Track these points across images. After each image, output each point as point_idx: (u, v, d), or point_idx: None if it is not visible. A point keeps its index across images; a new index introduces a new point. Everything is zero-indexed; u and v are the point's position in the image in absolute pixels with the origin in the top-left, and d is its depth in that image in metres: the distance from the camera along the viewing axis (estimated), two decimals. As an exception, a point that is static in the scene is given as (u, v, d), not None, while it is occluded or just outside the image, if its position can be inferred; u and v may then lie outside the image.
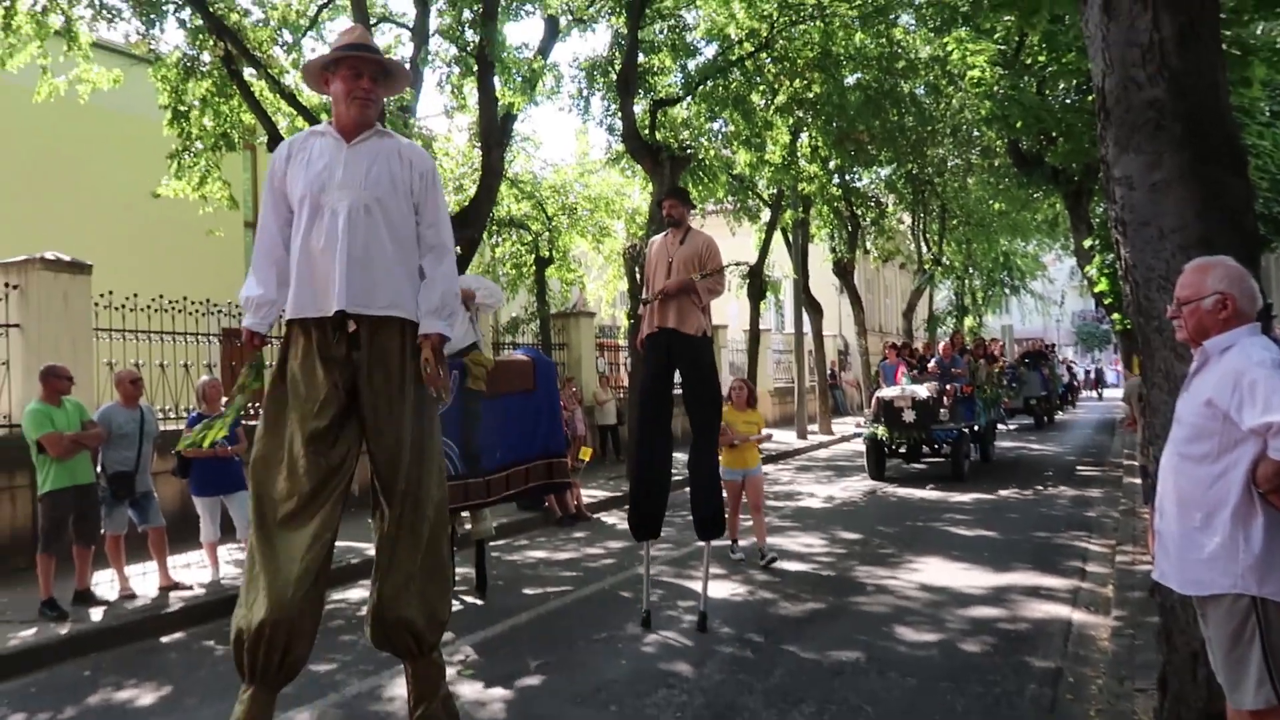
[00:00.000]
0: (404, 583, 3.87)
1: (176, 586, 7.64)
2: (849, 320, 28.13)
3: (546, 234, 18.28)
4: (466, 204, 12.74)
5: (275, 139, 10.91)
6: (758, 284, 20.60)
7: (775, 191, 20.17)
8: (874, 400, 14.45)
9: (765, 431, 8.77)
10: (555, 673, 5.59)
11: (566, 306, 19.82)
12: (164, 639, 6.74)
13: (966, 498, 12.20)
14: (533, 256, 18.46)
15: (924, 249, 28.83)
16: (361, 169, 3.84)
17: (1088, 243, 13.17)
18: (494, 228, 17.73)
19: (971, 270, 34.20)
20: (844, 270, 24.37)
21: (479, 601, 7.47)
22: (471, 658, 5.95)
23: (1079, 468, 15.51)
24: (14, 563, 8.56)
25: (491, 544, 10.00)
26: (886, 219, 25.89)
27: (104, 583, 7.58)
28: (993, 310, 39.17)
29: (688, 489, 7.00)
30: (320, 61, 4.03)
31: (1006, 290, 36.77)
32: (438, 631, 4.00)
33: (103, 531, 7.44)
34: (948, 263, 30.16)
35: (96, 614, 6.96)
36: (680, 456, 7.63)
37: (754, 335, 20.93)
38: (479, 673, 5.63)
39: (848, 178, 22.42)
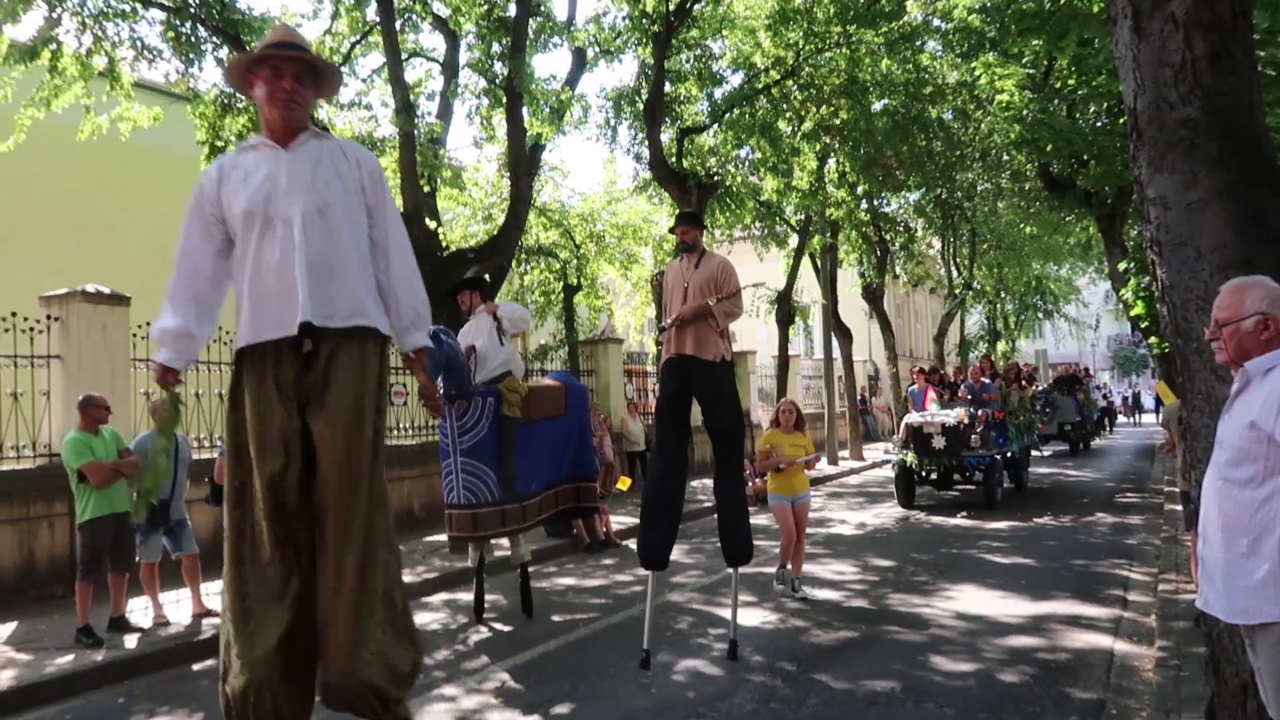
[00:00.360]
0: (355, 640, 3.33)
1: (209, 613, 7.67)
2: (879, 345, 27.96)
3: (575, 261, 18.38)
4: (495, 232, 12.84)
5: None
6: (786, 309, 20.56)
7: (803, 217, 20.17)
8: (903, 426, 14.20)
9: (813, 454, 8.47)
10: (585, 701, 5.54)
11: (595, 333, 19.86)
12: (196, 666, 6.76)
13: (1002, 524, 12.02)
14: (561, 284, 18.55)
15: (954, 273, 28.66)
16: (306, 173, 3.52)
17: (1122, 266, 13.02)
18: (523, 256, 17.86)
19: (1003, 294, 33.90)
20: (873, 295, 24.26)
21: (507, 628, 7.44)
22: (504, 685, 5.92)
23: (1118, 495, 15.25)
24: (52, 590, 8.66)
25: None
26: (916, 244, 25.79)
27: (138, 609, 7.64)
28: (1026, 335, 38.77)
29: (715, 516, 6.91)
30: (243, 63, 3.70)
31: (1040, 315, 36.37)
32: (404, 686, 3.47)
33: (137, 559, 7.51)
34: (979, 287, 29.93)
35: (131, 641, 7.01)
36: (706, 482, 7.84)
37: (783, 360, 20.85)
38: (509, 700, 5.59)
39: (876, 203, 22.39)
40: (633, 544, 11.68)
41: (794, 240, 21.08)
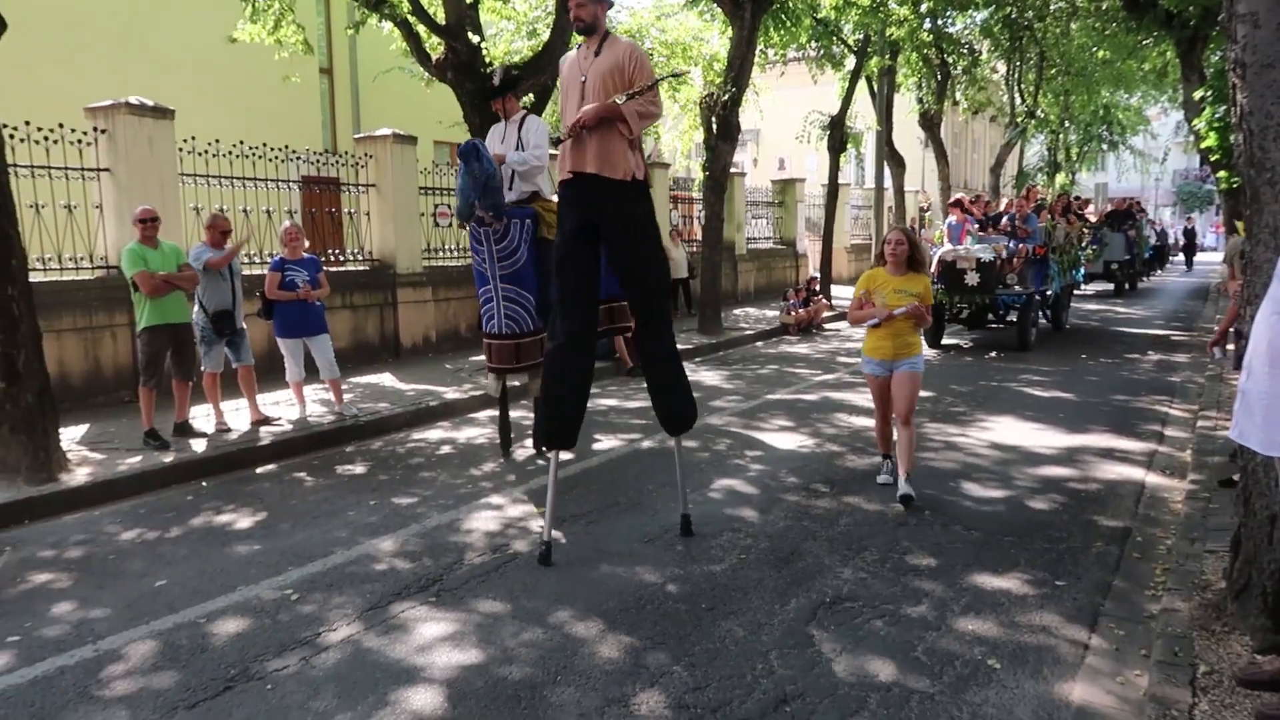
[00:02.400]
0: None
1: (267, 421, 8.04)
2: (933, 175, 27.15)
3: (621, 81, 17.78)
4: (540, 49, 12.41)
5: (347, -21, 10.67)
6: (838, 135, 19.89)
7: (861, 37, 19.18)
8: (934, 261, 13.18)
9: (914, 305, 5.92)
10: (625, 514, 5.79)
11: (641, 158, 19.47)
12: (258, 470, 7.15)
13: (1044, 360, 11.99)
14: (607, 105, 18.05)
15: (1018, 100, 27.34)
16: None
17: (1199, 94, 12.31)
18: (568, 75, 17.30)
19: (1067, 124, 32.43)
20: (930, 122, 23.34)
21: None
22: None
23: (1166, 334, 15.04)
24: (119, 396, 9.09)
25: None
26: (979, 68, 24.50)
27: (200, 416, 8.01)
28: (1088, 167, 37.35)
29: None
30: None
31: (1104, 146, 34.87)
32: None
33: (201, 369, 7.81)
34: (1042, 115, 28.60)
35: (196, 445, 7.39)
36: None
37: (832, 189, 20.37)
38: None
39: (940, 22, 21.16)
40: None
41: (850, 62, 20.14)
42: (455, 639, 4.05)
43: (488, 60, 11.63)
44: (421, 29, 11.18)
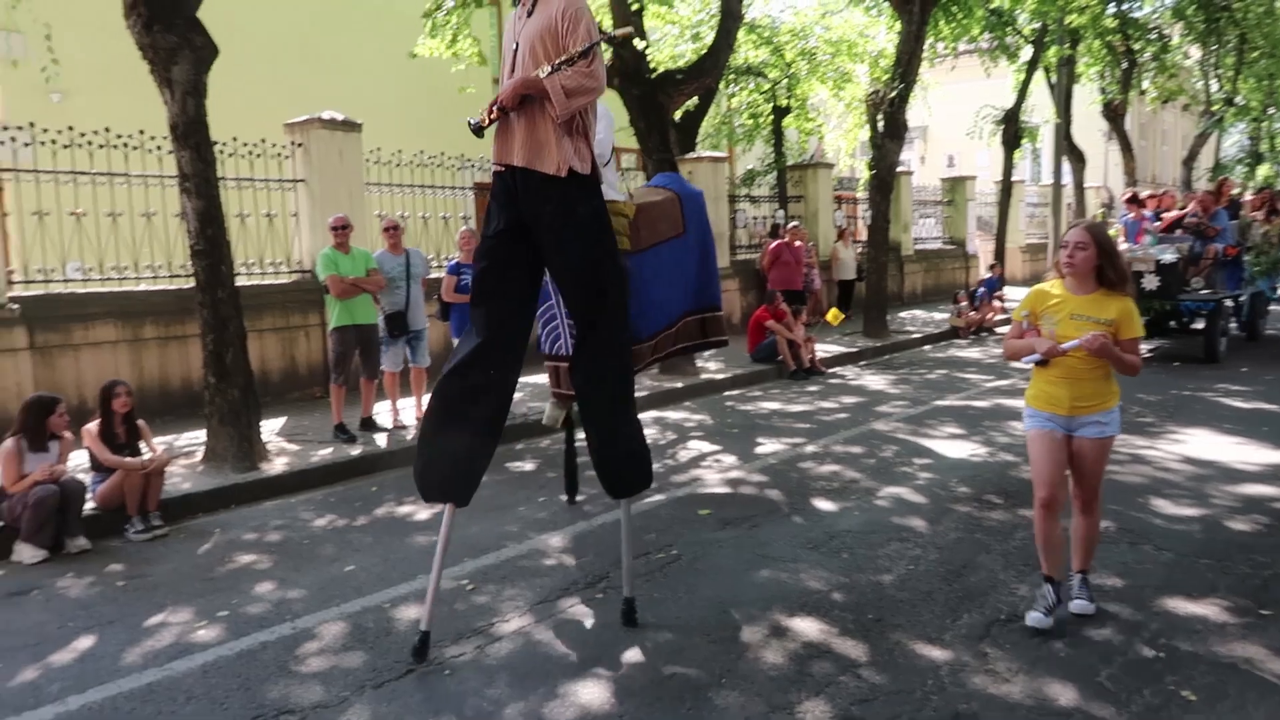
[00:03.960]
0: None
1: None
2: (1116, 170, 25.55)
3: (784, 81, 17.65)
4: (704, 52, 12.47)
5: (519, -8, 11.05)
6: (1013, 130, 19.05)
7: (1038, 26, 18.29)
8: None
9: (1095, 336, 3.87)
10: (789, 518, 5.75)
11: (804, 157, 19.25)
12: (434, 464, 7.51)
13: (1241, 370, 11.07)
14: (770, 106, 17.95)
15: (1214, 87, 25.34)
16: None
17: None
18: (730, 76, 17.31)
19: (1272, 111, 29.75)
20: (1114, 113, 22.00)
21: (713, 447, 7.73)
22: (710, 495, 6.22)
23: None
24: (311, 391, 9.77)
25: (726, 393, 10.28)
26: (1169, 53, 22.87)
27: (382, 412, 8.50)
28: (1296, 158, 34.12)
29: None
30: None
31: (1316, 134, 31.79)
32: None
33: (381, 368, 8.30)
34: (1242, 102, 26.38)
35: (380, 439, 7.85)
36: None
37: (1006, 187, 19.53)
38: (716, 511, 5.90)
39: (1125, 6, 19.90)
40: (843, 372, 11.69)
41: (1026, 53, 19.23)
42: (621, 636, 4.13)
43: (652, 66, 11.78)
44: (589, 37, 11.44)
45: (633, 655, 3.95)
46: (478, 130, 3.97)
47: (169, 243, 8.86)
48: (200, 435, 7.37)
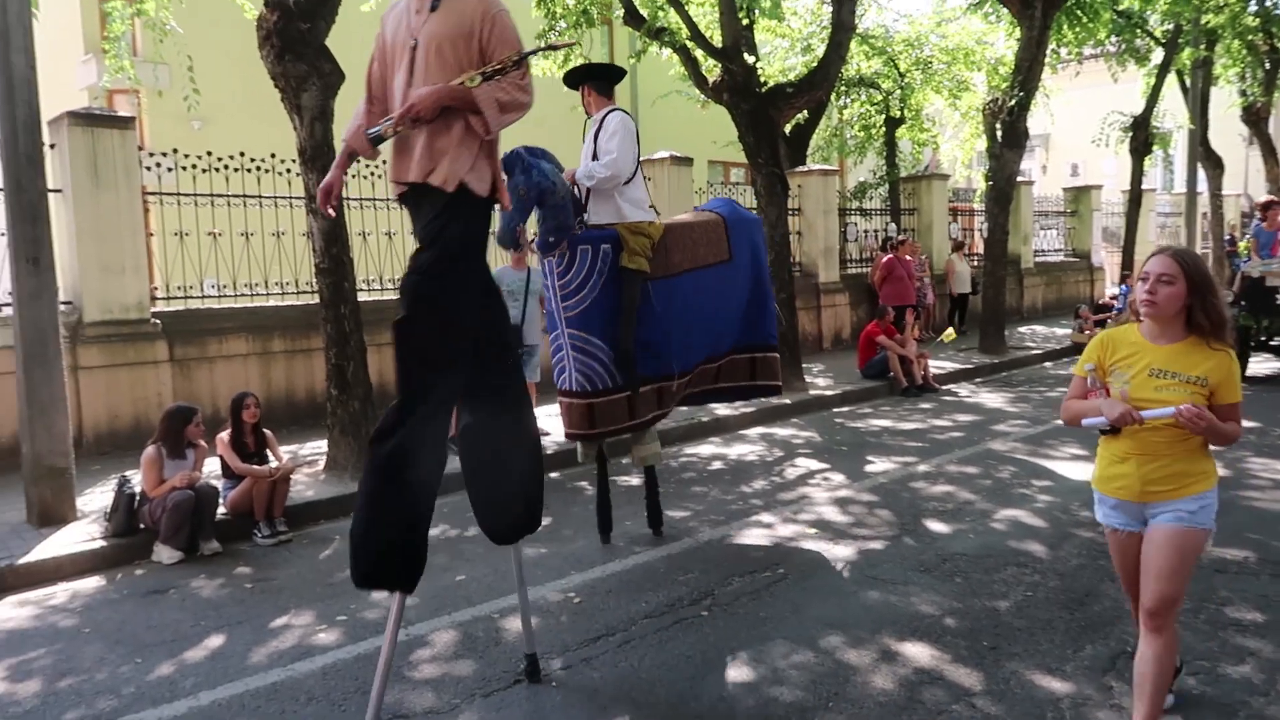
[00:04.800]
0: None
1: (543, 434, 8.56)
2: (1257, 177, 24.09)
3: (898, 92, 17.34)
4: (815, 64, 12.37)
5: (631, 13, 11.21)
6: (1143, 136, 18.22)
7: (1171, 28, 17.45)
8: (1237, 277, 11.27)
9: (1188, 409, 2.87)
10: (900, 539, 5.61)
11: (918, 169, 18.84)
12: (553, 474, 7.62)
13: (1405, 387, 10.26)
14: (883, 117, 17.66)
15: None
16: None
17: None
18: (841, 88, 17.12)
19: None
20: (1256, 116, 20.74)
21: (822, 464, 7.61)
22: (820, 517, 6.13)
23: None
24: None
25: (835, 410, 10.12)
26: (1319, 52, 21.47)
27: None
28: None
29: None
30: None
31: None
32: None
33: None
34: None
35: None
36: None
37: (1135, 196, 18.68)
38: (824, 532, 5.80)
39: (1269, 3, 18.78)
40: (957, 389, 11.37)
41: (1157, 56, 18.37)
42: (727, 654, 4.11)
43: (762, 80, 11.74)
44: (699, 53, 11.50)
45: (738, 675, 3.91)
46: (377, 140, 3.45)
47: (296, 261, 9.29)
48: (322, 445, 7.67)
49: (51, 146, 7.84)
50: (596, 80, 5.63)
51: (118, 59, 9.65)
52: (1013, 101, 13.26)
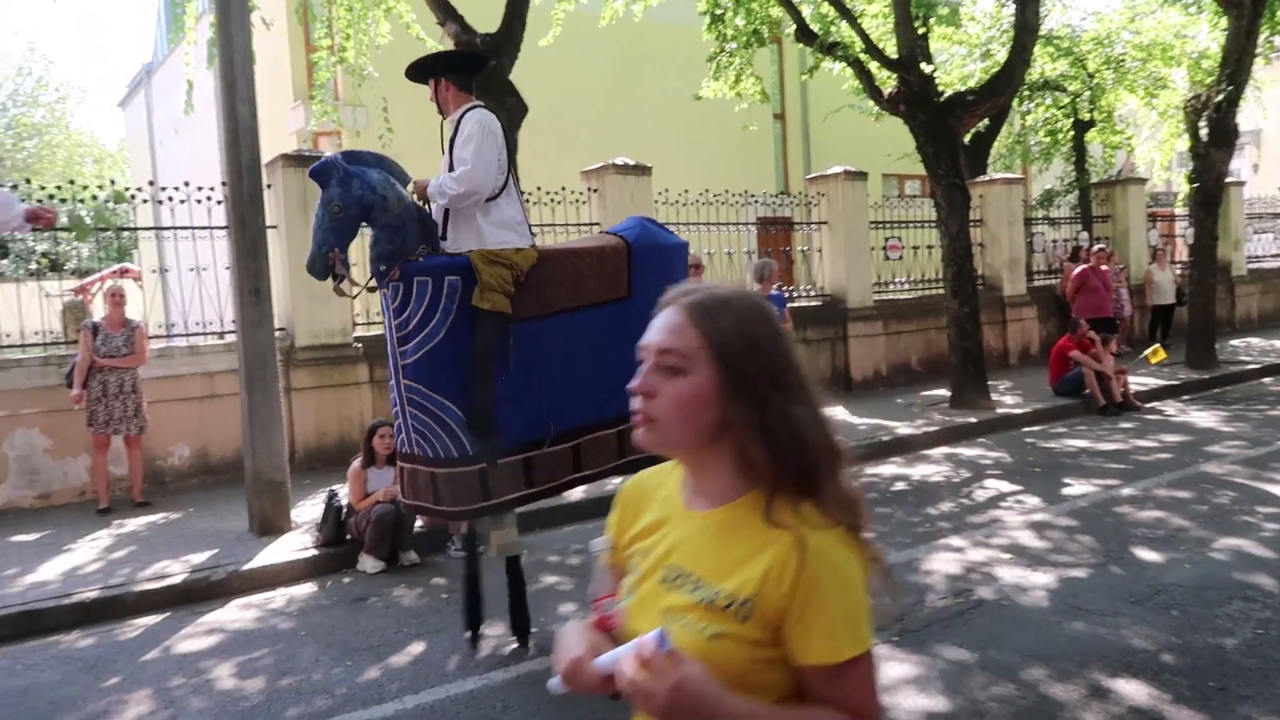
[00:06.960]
0: None
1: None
2: None
3: (1087, 94, 16.40)
4: (995, 70, 11.89)
5: (802, 29, 11.15)
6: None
7: None
8: None
9: (791, 654, 1.33)
10: (1105, 567, 5.26)
11: (1110, 173, 17.74)
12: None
13: None
14: (1070, 120, 16.75)
15: None
16: None
17: None
18: (1024, 92, 16.35)
19: None
20: None
21: (1014, 486, 7.25)
22: (1014, 542, 5.84)
23: None
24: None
25: (1025, 429, 9.62)
26: None
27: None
28: None
29: None
30: None
31: None
32: None
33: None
34: None
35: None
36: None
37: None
38: (1020, 558, 5.51)
39: None
40: (1162, 407, 10.56)
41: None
42: (921, 683, 3.96)
43: (939, 89, 11.39)
44: (873, 65, 11.29)
45: (934, 704, 3.77)
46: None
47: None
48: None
49: (268, 187, 8.56)
50: (456, 72, 4.69)
51: (323, 104, 10.45)
52: (1220, 97, 12.28)
